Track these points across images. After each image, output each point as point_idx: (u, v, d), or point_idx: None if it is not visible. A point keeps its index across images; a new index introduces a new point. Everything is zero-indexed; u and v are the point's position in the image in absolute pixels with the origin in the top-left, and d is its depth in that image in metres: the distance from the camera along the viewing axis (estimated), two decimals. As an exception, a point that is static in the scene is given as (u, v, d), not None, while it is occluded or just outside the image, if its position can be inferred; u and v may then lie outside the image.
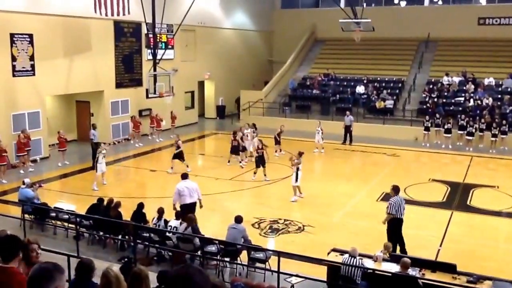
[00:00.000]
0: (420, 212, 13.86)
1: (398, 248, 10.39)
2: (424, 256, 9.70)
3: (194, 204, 11.69)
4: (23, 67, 18.29)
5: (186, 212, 10.96)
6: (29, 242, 5.25)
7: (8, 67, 17.80)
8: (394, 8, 33.07)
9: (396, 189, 10.70)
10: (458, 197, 15.28)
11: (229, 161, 19.07)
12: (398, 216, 10.44)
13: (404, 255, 9.10)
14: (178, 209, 11.38)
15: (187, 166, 17.17)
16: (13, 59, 17.92)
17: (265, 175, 16.87)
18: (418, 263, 8.57)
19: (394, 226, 10.46)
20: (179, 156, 17.52)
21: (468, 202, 14.85)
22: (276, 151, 20.19)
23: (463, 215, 13.76)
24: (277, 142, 20.32)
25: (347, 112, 23.32)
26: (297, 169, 14.44)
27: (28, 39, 18.33)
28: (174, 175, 17.67)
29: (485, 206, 14.30)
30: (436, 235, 12.08)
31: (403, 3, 33.39)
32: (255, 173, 16.97)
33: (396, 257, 8.73)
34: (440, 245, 11.45)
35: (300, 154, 14.91)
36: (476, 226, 12.97)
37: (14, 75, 18.01)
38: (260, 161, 16.98)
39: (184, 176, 12.12)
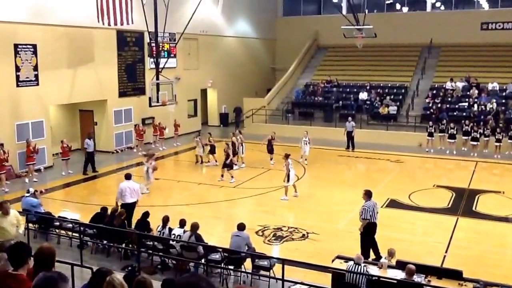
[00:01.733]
0: (425, 219, 13.81)
1: (371, 252, 10.45)
2: (430, 262, 9.63)
3: (134, 203, 12.41)
4: (27, 77, 18.38)
5: (127, 210, 11.62)
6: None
7: (12, 77, 17.88)
8: (396, 14, 33.18)
9: (368, 194, 10.79)
10: (463, 203, 15.18)
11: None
12: (371, 221, 10.53)
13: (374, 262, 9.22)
14: (119, 206, 12.04)
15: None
16: (17, 69, 18.01)
17: (232, 176, 17.59)
18: (424, 269, 8.50)
19: (368, 230, 10.53)
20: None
21: (473, 208, 14.76)
22: (271, 159, 19.92)
23: (469, 221, 13.65)
24: (270, 151, 19.87)
25: (349, 118, 23.29)
26: (288, 170, 15.24)
27: (32, 50, 18.43)
28: (180, 183, 17.73)
29: (491, 211, 14.20)
30: (441, 242, 11.99)
31: (405, 9, 33.50)
32: (222, 175, 17.67)
33: (402, 263, 8.66)
34: (446, 251, 11.37)
35: (287, 156, 15.59)
36: (482, 232, 12.87)
37: (18, 85, 18.09)
38: (227, 163, 17.67)
39: (128, 177, 12.73)
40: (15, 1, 17.63)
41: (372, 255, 10.35)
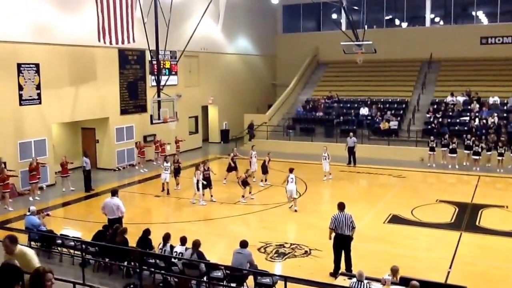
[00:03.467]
0: (428, 234, 13.71)
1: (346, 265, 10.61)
2: (434, 278, 9.55)
3: (117, 219, 12.42)
4: (30, 96, 18.51)
5: (112, 224, 11.70)
6: (44, 272, 5.11)
7: (15, 96, 18.03)
8: (396, 29, 33.42)
9: (339, 206, 10.91)
10: (466, 217, 15.09)
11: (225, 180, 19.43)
12: (339, 232, 10.58)
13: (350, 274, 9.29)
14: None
15: None
16: (20, 88, 18.16)
17: (211, 195, 17.20)
18: (428, 286, 8.43)
19: (337, 242, 10.64)
20: None
21: (477, 223, 14.67)
22: (261, 180, 19.40)
23: (473, 236, 13.55)
24: (264, 172, 19.40)
25: (350, 134, 23.32)
26: (286, 182, 15.78)
27: (35, 69, 18.60)
28: (180, 200, 17.67)
29: (494, 226, 14.10)
30: (445, 257, 11.89)
31: (404, 25, 33.75)
32: (202, 194, 16.84)
33: (405, 280, 8.59)
34: (450, 267, 11.28)
35: (291, 170, 16.08)
36: (487, 247, 12.77)
37: (21, 104, 18.22)
38: (208, 183, 17.15)
39: (113, 193, 12.88)
40: (18, 21, 17.85)
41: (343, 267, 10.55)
